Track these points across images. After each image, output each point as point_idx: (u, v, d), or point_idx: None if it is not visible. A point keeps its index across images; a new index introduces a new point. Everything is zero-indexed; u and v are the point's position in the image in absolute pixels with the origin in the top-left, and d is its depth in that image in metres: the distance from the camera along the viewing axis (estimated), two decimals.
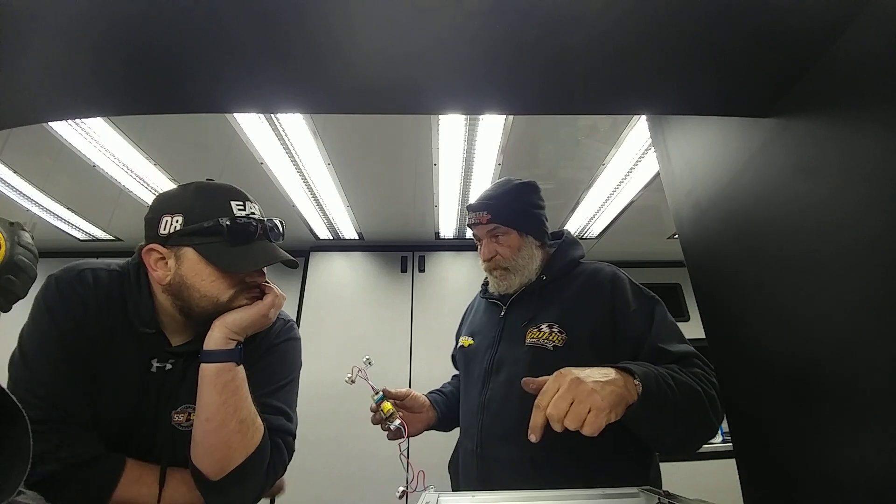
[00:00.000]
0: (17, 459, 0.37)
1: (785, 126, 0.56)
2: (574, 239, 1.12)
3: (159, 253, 0.74)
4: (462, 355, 1.11)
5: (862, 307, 0.46)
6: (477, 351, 1.06)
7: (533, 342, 0.94)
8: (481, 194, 1.09)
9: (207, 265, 0.73)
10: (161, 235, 0.74)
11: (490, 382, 0.98)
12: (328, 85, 0.58)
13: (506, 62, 0.54)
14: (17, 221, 0.41)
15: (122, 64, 0.53)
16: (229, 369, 0.71)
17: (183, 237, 0.73)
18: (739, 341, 0.67)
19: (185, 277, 0.73)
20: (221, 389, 0.69)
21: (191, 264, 0.73)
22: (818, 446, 0.52)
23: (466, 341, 1.10)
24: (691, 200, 0.77)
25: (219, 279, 0.74)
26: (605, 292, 0.95)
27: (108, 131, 1.75)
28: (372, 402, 0.97)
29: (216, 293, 0.74)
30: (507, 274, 1.04)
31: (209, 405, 0.69)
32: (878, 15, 0.44)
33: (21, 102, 0.59)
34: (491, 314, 1.10)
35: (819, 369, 0.52)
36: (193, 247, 0.73)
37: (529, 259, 1.04)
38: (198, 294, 0.73)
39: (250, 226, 0.76)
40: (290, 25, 0.48)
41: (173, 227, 0.73)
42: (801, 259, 0.54)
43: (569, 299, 0.98)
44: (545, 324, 0.95)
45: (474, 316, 1.18)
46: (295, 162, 1.99)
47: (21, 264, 0.40)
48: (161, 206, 0.76)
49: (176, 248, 0.74)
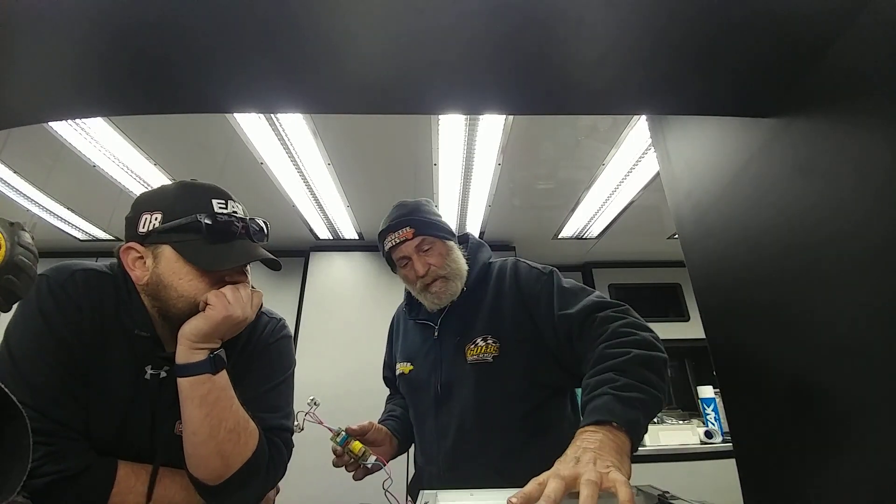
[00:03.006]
0: (16, 459, 0.37)
1: (785, 126, 0.56)
2: (480, 241, 1.13)
3: (137, 252, 0.72)
4: (405, 383, 1.09)
5: (863, 307, 0.46)
6: (419, 378, 1.04)
7: (474, 359, 0.96)
8: (389, 217, 1.06)
9: (185, 264, 0.70)
10: (140, 234, 0.71)
11: (443, 407, 0.98)
12: (328, 85, 0.58)
13: (506, 62, 0.54)
14: (17, 221, 0.41)
15: (123, 64, 0.53)
16: (203, 382, 0.67)
17: (161, 234, 0.71)
18: (739, 341, 0.67)
19: (162, 276, 0.70)
20: (200, 403, 0.67)
21: (168, 263, 0.70)
22: (818, 447, 0.52)
23: (406, 367, 1.08)
24: (691, 200, 0.77)
25: (196, 278, 0.70)
26: (513, 290, 0.99)
27: (108, 131, 1.75)
28: (334, 445, 0.90)
29: (193, 293, 0.70)
30: (447, 282, 1.01)
31: (192, 420, 0.67)
32: (877, 15, 0.44)
33: (21, 102, 0.59)
34: (424, 336, 1.08)
35: (819, 369, 0.52)
36: (171, 244, 0.70)
37: (460, 261, 1.05)
38: (175, 294, 0.70)
39: (231, 224, 0.74)
40: (291, 26, 0.48)
41: (152, 225, 0.71)
42: (801, 259, 0.54)
43: (489, 305, 1.00)
44: (479, 337, 0.97)
45: (404, 338, 1.15)
46: (295, 162, 1.99)
47: (21, 264, 0.40)
48: (142, 204, 0.74)
49: (154, 246, 0.71)
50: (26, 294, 0.41)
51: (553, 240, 3.00)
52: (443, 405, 0.98)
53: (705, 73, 0.56)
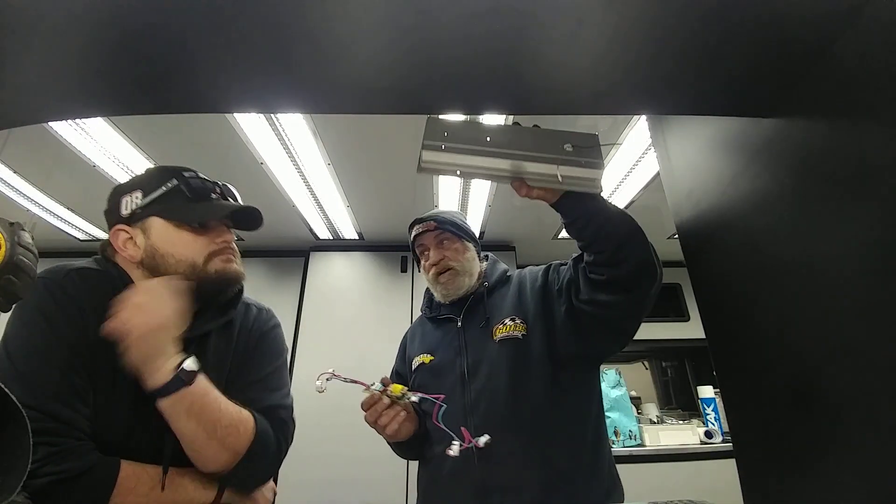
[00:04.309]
0: (17, 459, 0.37)
1: (785, 126, 0.56)
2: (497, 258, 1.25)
3: (126, 232, 0.75)
4: (426, 372, 1.10)
5: (862, 308, 0.46)
6: (441, 364, 1.07)
7: (504, 335, 1.01)
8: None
9: (176, 229, 0.74)
10: (124, 216, 0.75)
11: (471, 384, 0.99)
12: (328, 85, 0.58)
13: (505, 62, 0.54)
14: (17, 221, 0.41)
15: (123, 64, 0.53)
16: (183, 397, 0.67)
17: (146, 208, 0.75)
18: (739, 341, 0.67)
19: (157, 247, 0.73)
20: (187, 416, 0.67)
21: (159, 232, 0.74)
22: (818, 447, 0.52)
23: (426, 358, 1.10)
24: (691, 200, 0.77)
25: (191, 241, 0.74)
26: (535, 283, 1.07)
27: (108, 131, 1.75)
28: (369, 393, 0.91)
29: (191, 255, 0.74)
30: (456, 276, 1.09)
31: (186, 432, 0.68)
32: (877, 15, 0.44)
33: (21, 102, 0.59)
34: (445, 329, 1.12)
35: (819, 370, 0.52)
36: (158, 215, 0.74)
37: (473, 262, 1.13)
38: (173, 260, 0.73)
39: (206, 182, 0.78)
40: (291, 26, 0.48)
41: (134, 204, 0.75)
42: (801, 259, 0.54)
43: (514, 295, 1.08)
44: (507, 318, 1.03)
45: (422, 338, 1.18)
46: (295, 162, 1.99)
47: (21, 264, 0.40)
48: (117, 192, 0.78)
49: (141, 222, 0.75)
50: (26, 294, 0.41)
51: (553, 240, 3.00)
52: (470, 383, 1.00)
53: (705, 74, 0.56)
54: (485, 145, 0.70)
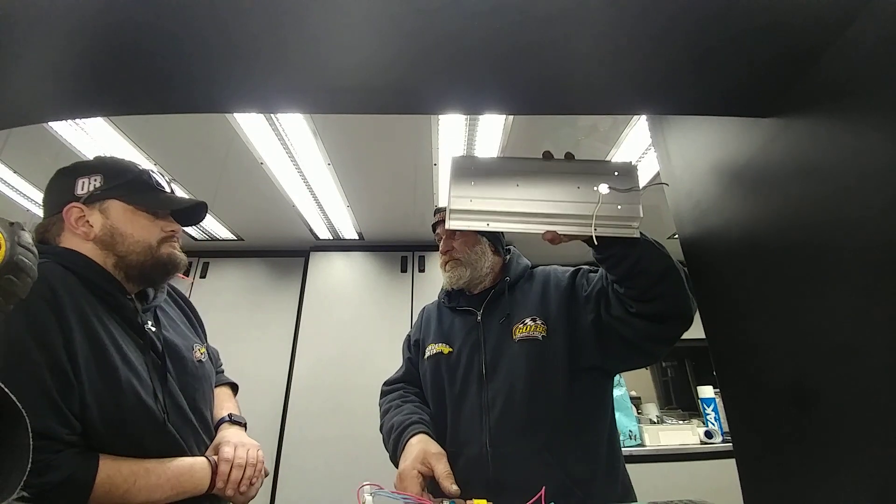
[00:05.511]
0: (16, 459, 0.37)
1: (785, 126, 0.56)
2: (520, 253, 1.26)
3: (80, 210, 0.79)
4: (443, 363, 1.09)
5: (863, 308, 0.46)
6: (459, 358, 1.06)
7: (524, 335, 1.00)
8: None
9: (135, 212, 0.82)
10: (78, 195, 0.80)
11: (489, 383, 0.99)
12: (328, 85, 0.58)
13: (506, 62, 0.54)
14: (17, 221, 0.41)
15: (123, 64, 0.53)
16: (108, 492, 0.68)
17: (108, 191, 0.81)
18: (739, 341, 0.67)
19: (116, 227, 0.80)
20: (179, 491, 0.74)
21: (119, 214, 0.81)
22: (818, 447, 0.52)
23: (444, 348, 1.10)
24: (691, 200, 0.77)
25: (148, 225, 0.82)
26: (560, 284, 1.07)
27: (108, 131, 1.75)
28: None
29: (148, 238, 0.82)
30: (458, 266, 1.11)
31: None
32: (877, 15, 0.44)
33: (21, 102, 0.59)
34: (464, 321, 1.13)
35: (819, 369, 0.52)
36: (118, 198, 0.81)
37: (482, 256, 1.13)
38: (132, 240, 0.80)
39: (163, 177, 0.89)
40: (290, 26, 0.48)
41: (93, 185, 0.80)
42: (801, 259, 0.54)
43: (537, 294, 1.08)
44: (528, 317, 1.02)
45: (439, 322, 1.18)
46: (295, 162, 1.98)
47: (21, 264, 0.40)
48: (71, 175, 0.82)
49: (98, 203, 0.80)
50: (26, 294, 0.41)
51: None
52: (488, 381, 1.00)
53: (705, 74, 0.56)
54: (515, 194, 0.69)
